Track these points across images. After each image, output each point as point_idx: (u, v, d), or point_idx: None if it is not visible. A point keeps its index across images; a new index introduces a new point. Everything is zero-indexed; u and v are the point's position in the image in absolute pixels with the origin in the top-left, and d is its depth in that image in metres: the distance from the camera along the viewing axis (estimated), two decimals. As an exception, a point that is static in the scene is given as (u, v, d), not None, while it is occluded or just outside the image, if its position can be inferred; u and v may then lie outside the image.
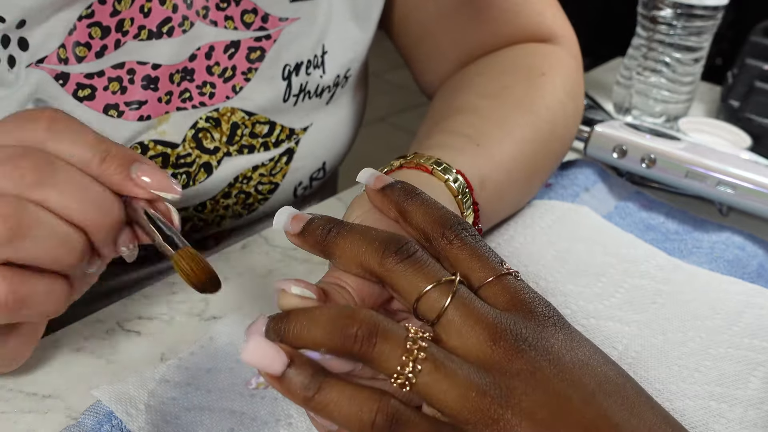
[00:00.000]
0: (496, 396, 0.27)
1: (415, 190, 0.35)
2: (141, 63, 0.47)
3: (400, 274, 0.30)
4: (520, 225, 0.54)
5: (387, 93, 2.39)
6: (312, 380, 0.27)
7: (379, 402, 0.27)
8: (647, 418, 0.28)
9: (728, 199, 0.57)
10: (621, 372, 0.30)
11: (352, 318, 0.28)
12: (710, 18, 0.72)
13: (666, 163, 0.58)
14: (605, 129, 0.62)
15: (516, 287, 0.31)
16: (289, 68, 0.53)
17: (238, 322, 0.43)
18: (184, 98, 0.49)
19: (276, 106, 0.54)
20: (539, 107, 0.53)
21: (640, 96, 0.76)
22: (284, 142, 0.56)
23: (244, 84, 0.52)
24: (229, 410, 0.37)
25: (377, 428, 0.27)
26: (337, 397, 0.27)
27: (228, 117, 0.52)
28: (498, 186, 0.47)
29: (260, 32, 0.51)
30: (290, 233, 0.34)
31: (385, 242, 0.31)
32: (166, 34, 0.47)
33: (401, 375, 0.28)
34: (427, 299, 0.30)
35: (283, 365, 0.27)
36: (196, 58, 0.49)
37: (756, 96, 0.73)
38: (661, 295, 0.48)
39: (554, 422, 0.27)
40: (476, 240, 0.33)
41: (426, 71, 0.64)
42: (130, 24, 0.46)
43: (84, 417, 0.36)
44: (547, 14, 0.60)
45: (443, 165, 0.43)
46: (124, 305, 0.45)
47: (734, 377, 0.41)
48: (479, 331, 0.29)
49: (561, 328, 0.31)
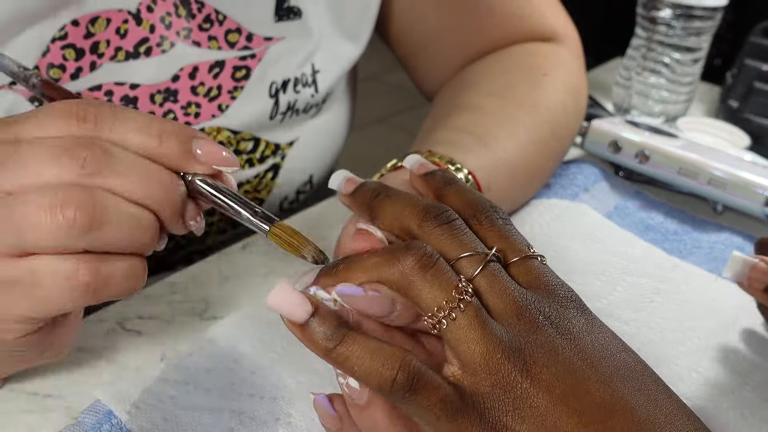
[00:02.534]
0: (519, 363, 0.28)
1: (454, 177, 0.36)
2: (119, 84, 0.46)
3: (436, 238, 0.31)
4: (518, 223, 0.54)
5: (387, 93, 2.39)
6: (335, 331, 0.28)
7: (402, 360, 0.27)
8: (664, 406, 0.28)
9: (720, 196, 0.57)
10: (639, 360, 0.30)
11: (417, 248, 0.29)
12: (709, 19, 0.72)
13: (659, 158, 0.59)
14: (602, 124, 0.62)
15: (541, 269, 0.32)
16: (276, 86, 0.52)
17: (238, 324, 0.43)
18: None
19: (262, 123, 0.53)
20: (541, 107, 0.53)
21: (639, 96, 0.76)
22: (269, 158, 0.55)
23: (230, 102, 0.51)
24: (228, 409, 0.37)
25: (398, 385, 0.27)
26: (360, 350, 0.28)
27: (214, 137, 0.51)
28: (502, 188, 0.48)
29: (245, 51, 0.51)
30: (342, 193, 0.35)
31: (427, 207, 0.32)
32: (144, 54, 0.47)
33: (437, 315, 0.28)
34: (459, 265, 0.30)
35: (307, 313, 0.28)
36: (180, 79, 0.49)
37: (755, 96, 0.73)
38: (660, 294, 0.48)
39: (570, 399, 0.27)
40: (506, 223, 0.33)
41: (427, 77, 0.63)
42: (105, 46, 0.45)
43: (83, 416, 0.36)
44: (549, 14, 0.60)
45: (456, 165, 0.44)
46: (124, 305, 0.45)
47: (730, 380, 0.41)
48: (506, 302, 0.30)
49: (582, 312, 0.31)
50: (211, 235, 0.56)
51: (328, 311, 0.29)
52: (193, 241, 0.55)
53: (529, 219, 0.54)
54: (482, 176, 0.45)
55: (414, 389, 0.27)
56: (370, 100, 2.45)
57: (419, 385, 0.27)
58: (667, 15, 0.72)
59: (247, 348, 0.41)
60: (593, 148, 0.63)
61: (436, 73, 0.62)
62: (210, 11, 0.49)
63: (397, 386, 0.27)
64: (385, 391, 0.28)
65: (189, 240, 0.54)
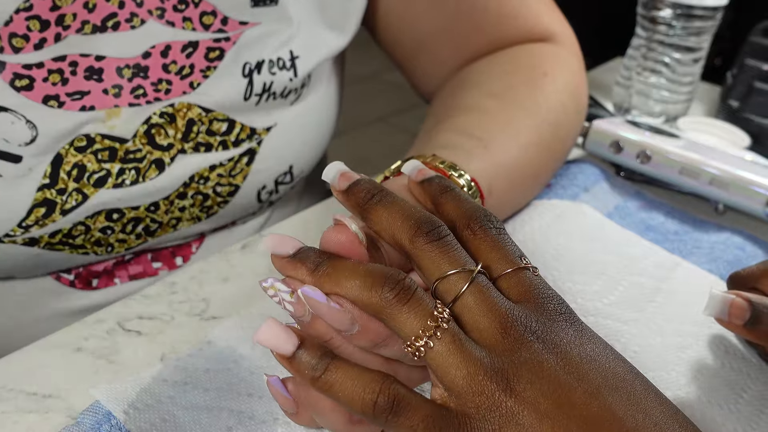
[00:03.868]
0: (502, 382, 0.28)
1: (451, 185, 0.37)
2: (84, 55, 0.46)
3: (426, 254, 0.32)
4: (518, 222, 0.54)
5: (387, 93, 2.40)
6: (320, 361, 0.30)
7: (382, 384, 0.29)
8: (654, 414, 0.28)
9: (721, 196, 0.57)
10: (630, 368, 0.30)
11: (393, 277, 0.30)
12: (709, 18, 0.72)
13: (660, 159, 0.59)
14: (603, 124, 0.62)
15: (531, 281, 0.32)
16: (250, 66, 0.52)
17: (236, 325, 0.43)
18: (138, 94, 0.48)
19: (236, 104, 0.52)
20: (542, 108, 0.53)
21: (639, 96, 0.76)
22: (244, 141, 0.54)
23: (203, 81, 0.50)
24: (227, 409, 0.37)
25: (379, 408, 0.28)
26: (342, 377, 0.29)
27: (184, 113, 0.50)
28: (503, 191, 0.48)
29: (219, 34, 0.50)
30: (336, 188, 0.35)
31: (420, 221, 0.33)
32: (111, 28, 0.47)
33: (416, 342, 0.29)
34: (447, 282, 0.31)
35: (293, 346, 0.30)
36: (151, 56, 0.48)
37: (755, 96, 0.73)
38: (660, 294, 0.48)
39: (557, 413, 0.27)
40: (500, 233, 0.34)
41: (425, 79, 0.63)
42: (72, 19, 0.45)
43: (83, 416, 0.36)
44: (545, 15, 0.60)
45: (459, 171, 0.44)
46: (124, 305, 0.45)
47: (728, 390, 0.41)
48: (491, 318, 0.30)
49: (572, 323, 0.31)
50: (183, 221, 0.55)
51: (314, 342, 0.30)
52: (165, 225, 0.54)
53: (529, 219, 0.54)
54: (484, 181, 0.46)
55: (395, 411, 0.28)
56: (370, 100, 2.45)
57: (400, 407, 0.28)
58: (668, 15, 0.72)
59: (247, 348, 0.41)
60: (594, 148, 0.63)
61: (433, 75, 0.62)
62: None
63: (378, 409, 0.29)
64: (369, 414, 0.29)
65: (159, 224, 0.53)
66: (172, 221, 0.54)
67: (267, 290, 0.32)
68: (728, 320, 0.40)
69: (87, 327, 0.43)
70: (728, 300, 0.40)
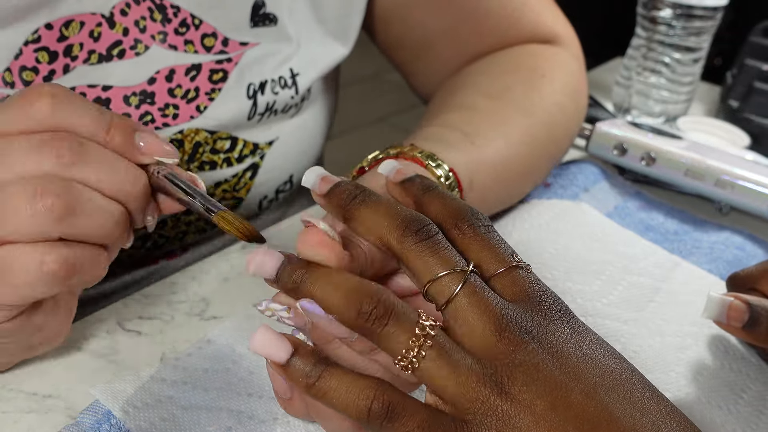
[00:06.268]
0: (495, 386, 0.28)
1: (433, 184, 0.35)
2: (91, 86, 0.46)
3: (416, 255, 0.31)
4: (518, 221, 0.54)
5: (387, 93, 2.39)
6: (314, 368, 0.29)
7: (376, 390, 0.29)
8: (650, 413, 0.28)
9: (727, 197, 0.57)
10: (627, 367, 0.30)
11: (371, 296, 0.29)
12: (709, 18, 0.72)
13: (665, 161, 0.58)
14: (606, 127, 0.62)
15: (525, 280, 0.32)
16: (254, 87, 0.52)
17: (235, 325, 0.43)
18: (146, 121, 0.49)
19: (240, 123, 0.53)
20: (537, 109, 0.53)
21: (639, 96, 0.76)
22: (248, 157, 0.54)
23: (209, 103, 0.51)
24: (226, 409, 0.37)
25: (374, 415, 0.28)
26: (336, 384, 0.29)
27: (191, 138, 0.51)
28: (486, 186, 0.48)
29: (221, 55, 0.51)
30: (317, 193, 0.34)
31: (407, 220, 0.31)
32: (117, 56, 0.47)
33: (405, 358, 0.29)
34: (439, 284, 0.30)
35: (288, 354, 0.29)
36: (156, 81, 0.48)
37: (755, 96, 0.73)
38: (660, 294, 0.48)
39: (553, 414, 0.27)
40: (489, 231, 0.33)
41: (425, 81, 0.63)
42: (79, 49, 0.45)
43: (83, 416, 0.36)
44: (547, 16, 0.60)
45: (437, 161, 0.43)
46: (124, 305, 0.45)
47: (728, 390, 0.41)
48: (486, 320, 0.29)
49: (568, 322, 0.31)
50: (189, 234, 0.56)
51: (308, 350, 0.30)
52: (172, 239, 0.55)
53: (529, 218, 0.54)
54: (464, 173, 0.45)
55: (390, 417, 0.28)
56: (370, 100, 2.45)
57: (395, 412, 0.28)
58: (668, 15, 0.72)
59: (246, 348, 0.41)
60: (598, 151, 0.62)
61: (434, 77, 0.62)
62: (186, 16, 0.49)
63: (373, 415, 0.28)
64: (363, 420, 0.29)
65: (167, 238, 0.54)
66: (179, 235, 0.55)
67: (264, 312, 0.32)
68: (727, 323, 0.40)
69: (87, 327, 0.43)
70: (726, 302, 0.40)
